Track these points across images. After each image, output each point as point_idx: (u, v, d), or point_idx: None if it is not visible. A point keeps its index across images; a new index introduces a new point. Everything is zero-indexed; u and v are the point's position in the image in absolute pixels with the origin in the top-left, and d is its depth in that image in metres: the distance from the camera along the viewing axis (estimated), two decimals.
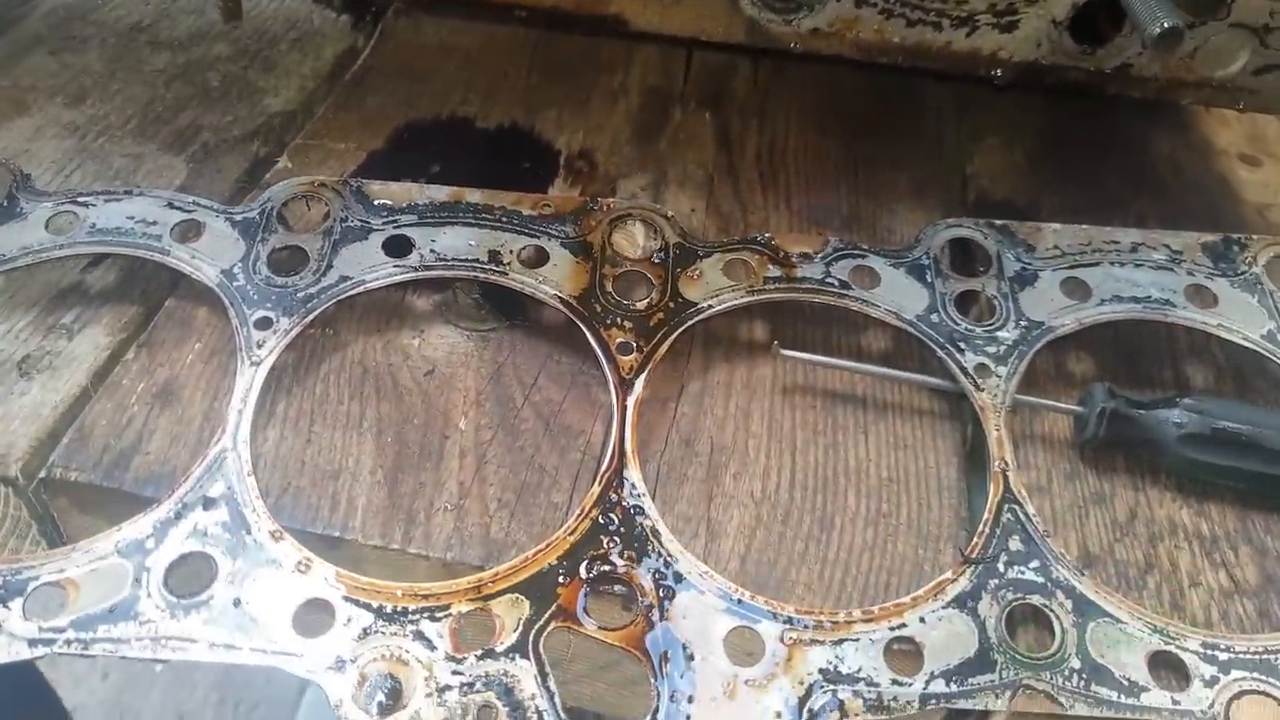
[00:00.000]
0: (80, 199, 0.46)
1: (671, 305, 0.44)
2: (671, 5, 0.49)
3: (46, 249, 0.45)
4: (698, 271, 0.46)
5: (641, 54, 0.62)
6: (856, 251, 0.47)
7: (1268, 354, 0.44)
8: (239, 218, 0.46)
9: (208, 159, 0.53)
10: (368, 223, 0.47)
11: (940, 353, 0.44)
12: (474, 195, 0.48)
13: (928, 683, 0.34)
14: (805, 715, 0.33)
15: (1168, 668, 0.35)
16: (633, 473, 0.38)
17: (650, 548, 0.36)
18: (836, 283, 0.46)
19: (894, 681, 0.34)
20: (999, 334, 0.44)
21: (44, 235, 0.45)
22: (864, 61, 0.50)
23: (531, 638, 0.34)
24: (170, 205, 0.46)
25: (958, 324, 0.44)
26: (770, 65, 0.62)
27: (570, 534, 0.36)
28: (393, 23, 0.63)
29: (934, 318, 0.45)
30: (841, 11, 0.48)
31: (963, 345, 0.44)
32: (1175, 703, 0.34)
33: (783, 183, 0.55)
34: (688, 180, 0.54)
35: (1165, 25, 0.41)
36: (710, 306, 0.44)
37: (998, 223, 0.48)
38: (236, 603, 0.34)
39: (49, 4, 0.62)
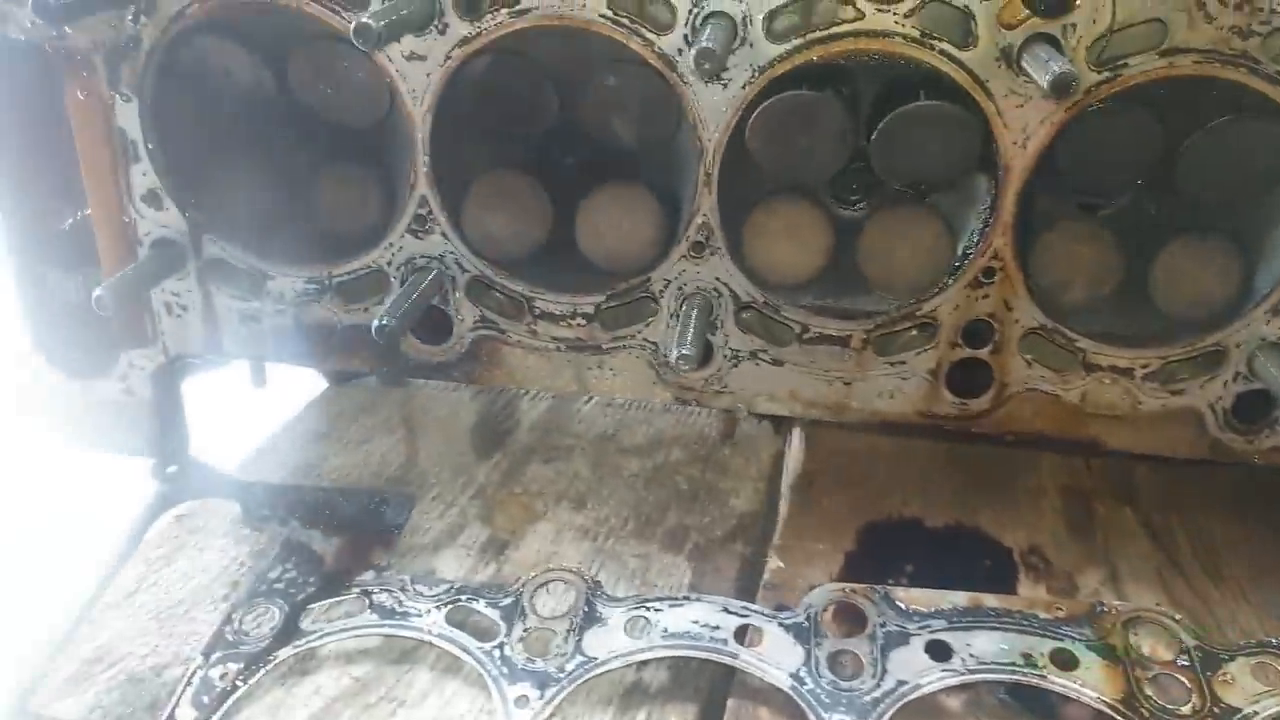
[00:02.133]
0: (648, 604, 0.53)
1: (1216, 710, 0.47)
2: (1144, 430, 0.56)
3: (631, 651, 0.51)
4: (1228, 675, 0.49)
5: (1046, 458, 0.69)
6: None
7: None
8: (789, 622, 0.52)
9: (704, 559, 0.60)
10: (904, 628, 0.52)
11: None
12: (990, 600, 0.53)
13: None
14: None
15: None
16: None
17: None
18: None
19: None
20: None
21: (625, 639, 0.52)
22: None
23: None
24: (725, 610, 0.53)
25: None
26: (1168, 464, 0.68)
27: None
28: (814, 430, 0.72)
29: None
30: None
31: None
32: None
33: (1231, 577, 0.59)
34: (1140, 576, 0.59)
35: None
36: (1256, 713, 0.47)
37: None
38: None
39: (528, 418, 0.73)
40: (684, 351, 0.50)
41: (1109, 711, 0.48)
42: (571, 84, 0.54)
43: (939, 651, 0.51)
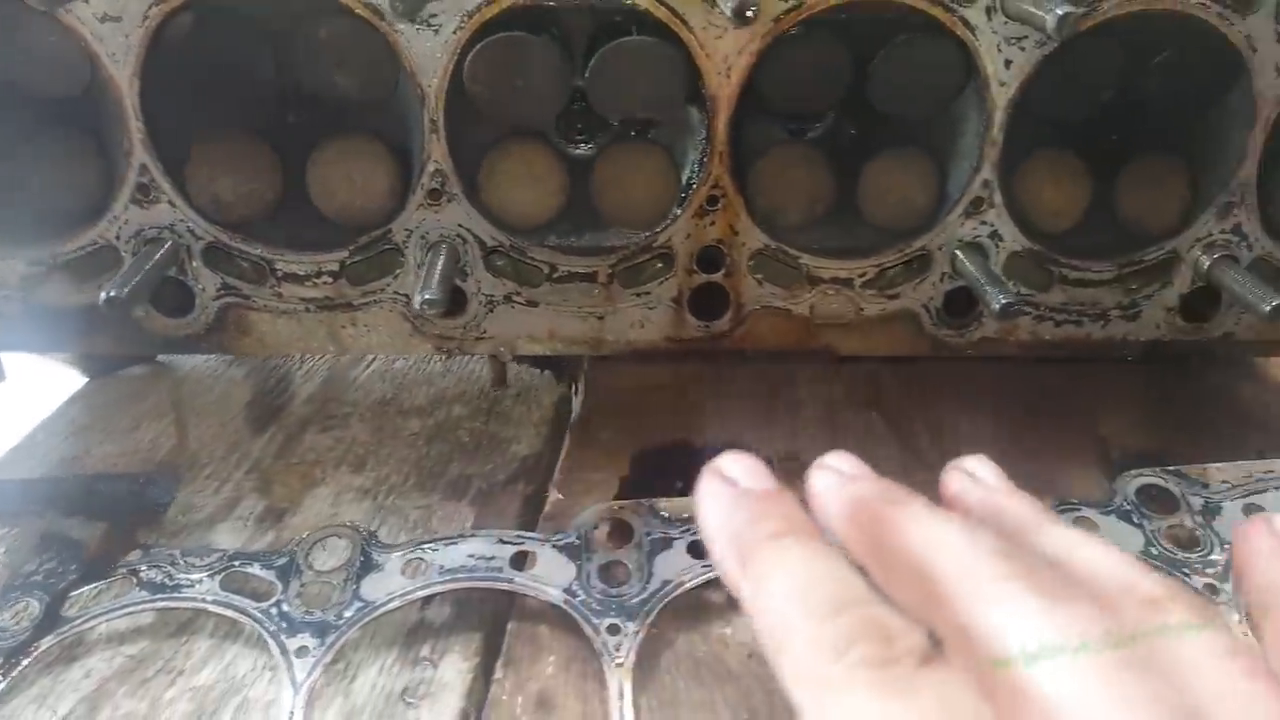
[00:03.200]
0: (424, 545, 0.55)
1: None
2: (869, 334, 0.61)
3: (410, 590, 0.52)
4: None
5: (801, 373, 0.74)
6: (1067, 506, 0.57)
7: None
8: (561, 543, 0.55)
9: (487, 502, 0.62)
10: (668, 533, 0.55)
11: None
12: None
13: None
14: None
15: None
16: None
17: None
18: None
19: None
20: (1211, 557, 0.53)
21: (402, 580, 0.53)
22: (1022, 357, 0.63)
23: None
24: (501, 541, 0.55)
25: (1175, 553, 0.53)
26: (907, 367, 0.75)
27: None
28: (592, 372, 0.74)
29: (1152, 550, 0.54)
30: (1003, 322, 0.61)
31: (1187, 571, 0.53)
32: None
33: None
34: (887, 470, 0.64)
35: (1275, 304, 0.54)
36: None
37: (1171, 468, 0.59)
38: None
39: (304, 391, 0.73)
40: (427, 296, 0.51)
41: None
42: (286, 39, 0.54)
43: (700, 550, 0.54)
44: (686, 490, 0.63)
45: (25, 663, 0.50)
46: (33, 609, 0.52)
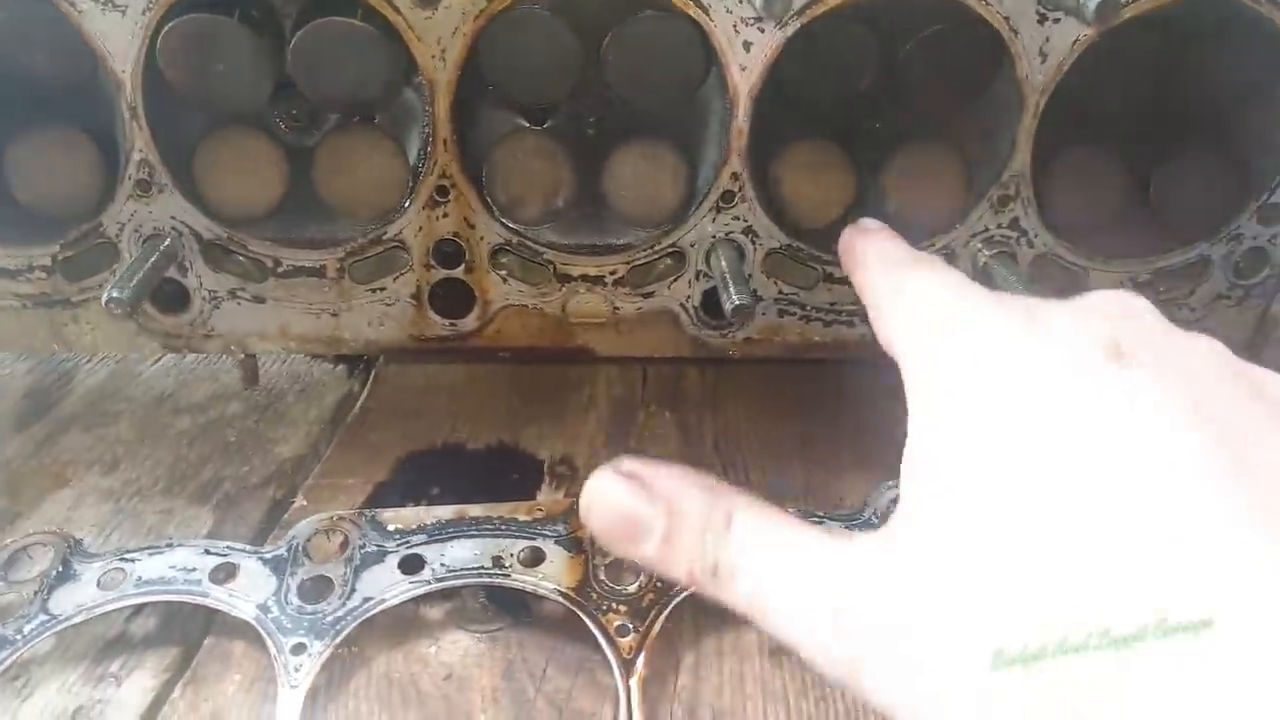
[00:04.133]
0: (127, 556, 0.52)
1: (659, 585, 0.50)
2: (628, 333, 0.58)
3: (98, 604, 0.50)
4: None
5: (604, 372, 0.71)
6: (814, 517, 0.54)
7: None
8: (269, 556, 0.52)
9: (230, 507, 0.60)
10: (383, 546, 0.53)
11: None
12: (475, 510, 0.55)
13: None
14: None
15: None
16: None
17: None
18: None
19: None
20: None
21: (95, 592, 0.50)
22: (794, 359, 0.60)
23: None
24: (207, 552, 0.52)
25: None
26: (715, 368, 0.72)
27: None
28: (384, 369, 0.72)
29: None
30: (768, 322, 0.58)
31: None
32: None
33: (740, 465, 0.63)
34: None
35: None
36: None
37: None
38: None
39: (83, 386, 0.71)
40: (113, 294, 0.48)
41: (562, 600, 0.50)
42: None
43: (411, 565, 0.51)
44: (442, 495, 0.60)
45: None
46: None
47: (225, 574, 0.51)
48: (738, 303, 0.50)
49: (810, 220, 0.56)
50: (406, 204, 0.54)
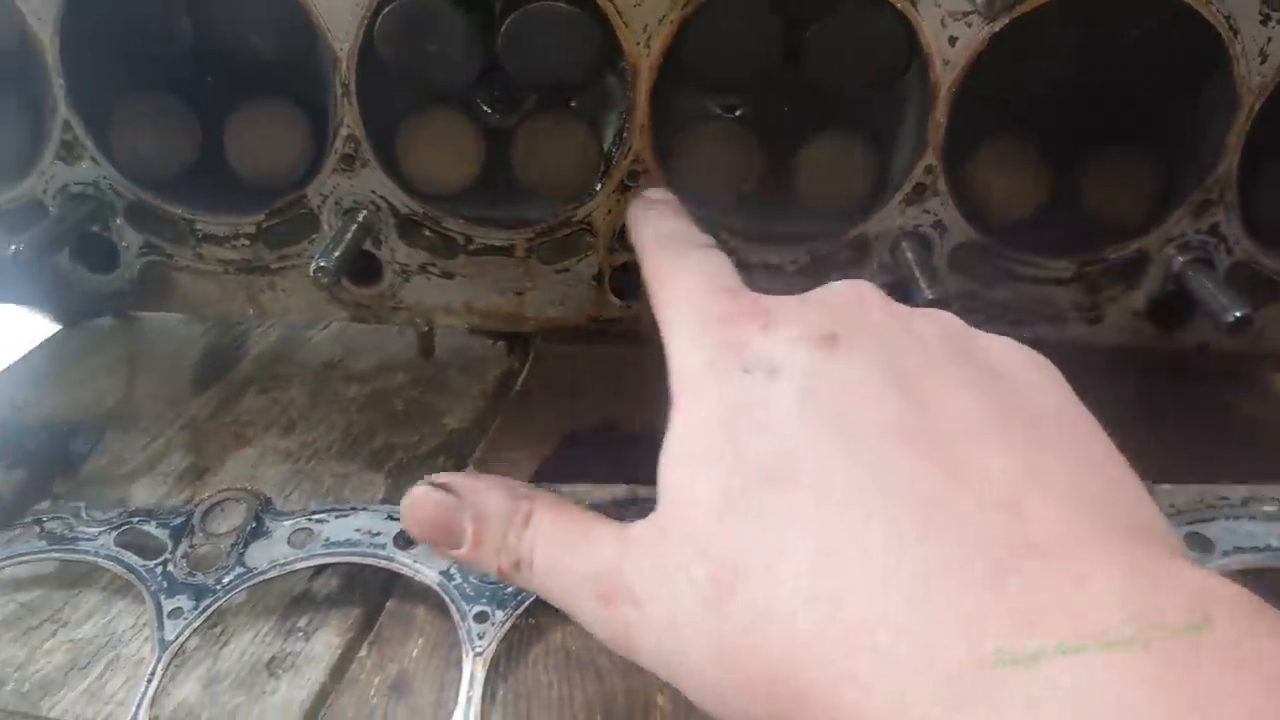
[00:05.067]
0: (314, 516, 0.54)
1: None
2: None
3: (290, 561, 0.52)
4: None
5: None
6: None
7: None
8: None
9: (403, 474, 0.61)
10: None
11: None
12: (643, 490, 0.55)
13: None
14: None
15: None
16: None
17: None
18: None
19: None
20: None
21: (287, 549, 0.53)
22: None
23: None
24: (389, 518, 0.54)
25: None
26: None
27: None
28: (543, 346, 0.73)
29: None
30: None
31: None
32: None
33: None
34: None
35: (1238, 315, 0.49)
36: None
37: None
38: None
39: (255, 350, 0.73)
40: (320, 264, 0.50)
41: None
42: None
43: None
44: (607, 475, 0.61)
45: None
46: None
47: (408, 539, 0.53)
48: (931, 297, 0.50)
49: (1001, 216, 0.55)
50: (598, 187, 0.54)
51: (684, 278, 0.38)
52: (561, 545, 0.34)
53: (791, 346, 0.31)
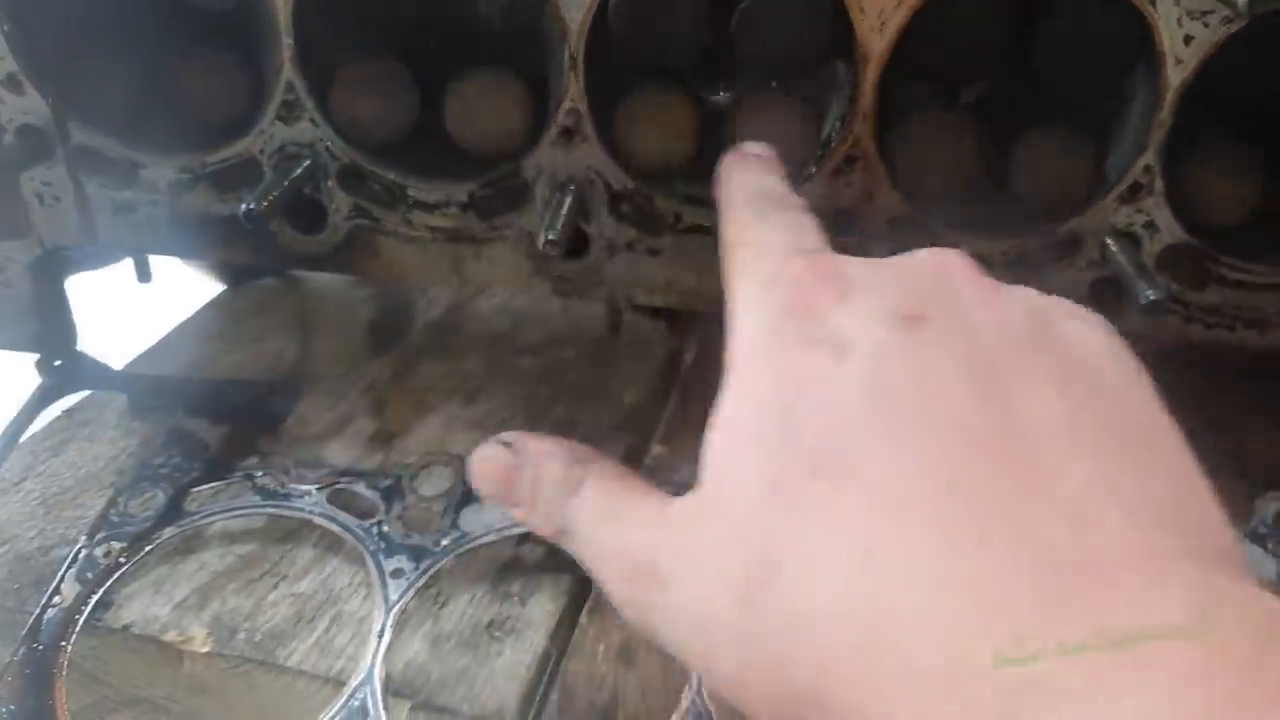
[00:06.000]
0: None
1: None
2: None
3: (504, 527, 0.53)
4: None
5: None
6: None
7: None
8: None
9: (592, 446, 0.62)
10: None
11: None
12: None
13: None
14: None
15: None
16: None
17: None
18: None
19: None
20: None
21: (499, 515, 0.54)
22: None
23: None
24: None
25: None
26: None
27: None
28: (707, 327, 0.73)
29: None
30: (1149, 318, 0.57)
31: None
32: None
33: None
34: None
35: None
36: None
37: None
38: None
39: (423, 320, 0.74)
40: (550, 236, 0.51)
41: None
42: None
43: None
44: None
45: (148, 549, 0.52)
46: (158, 500, 0.55)
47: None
48: (1153, 298, 0.50)
49: (1215, 219, 0.55)
50: (812, 170, 0.55)
51: (760, 236, 0.35)
52: (602, 516, 0.33)
53: (867, 322, 0.28)
